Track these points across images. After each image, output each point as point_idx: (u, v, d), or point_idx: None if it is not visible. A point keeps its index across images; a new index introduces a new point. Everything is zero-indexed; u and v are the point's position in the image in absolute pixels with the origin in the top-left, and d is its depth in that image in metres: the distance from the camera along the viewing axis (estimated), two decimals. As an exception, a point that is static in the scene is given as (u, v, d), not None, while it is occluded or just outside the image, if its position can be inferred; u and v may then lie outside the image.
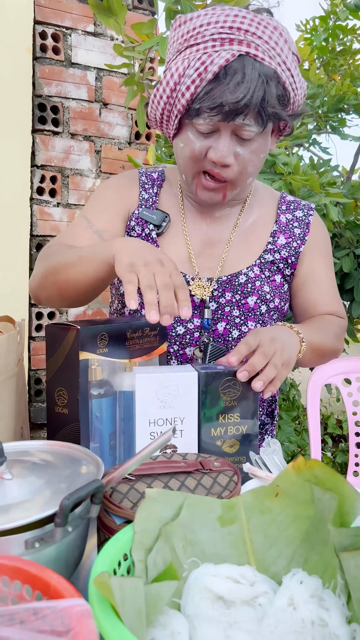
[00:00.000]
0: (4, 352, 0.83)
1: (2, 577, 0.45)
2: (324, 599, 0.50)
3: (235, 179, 0.95)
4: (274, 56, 0.88)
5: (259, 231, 1.07)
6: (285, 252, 1.06)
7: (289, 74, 0.90)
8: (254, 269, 1.04)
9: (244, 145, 0.92)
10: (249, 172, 0.96)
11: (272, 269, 1.05)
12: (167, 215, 1.04)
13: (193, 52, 0.89)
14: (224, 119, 0.88)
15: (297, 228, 1.08)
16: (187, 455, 0.68)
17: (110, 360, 0.82)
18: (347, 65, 2.89)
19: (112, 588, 0.41)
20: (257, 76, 0.85)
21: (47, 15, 1.74)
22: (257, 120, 0.89)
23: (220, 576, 0.52)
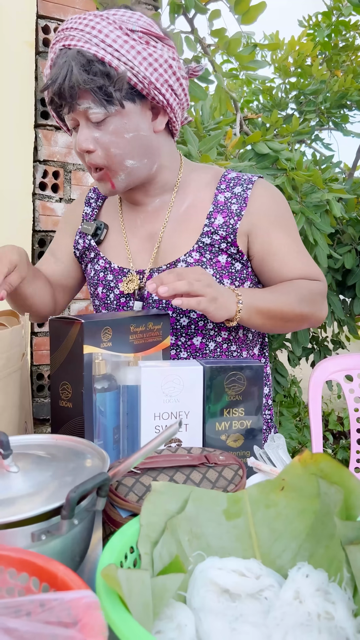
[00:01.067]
0: (7, 345, 0.83)
1: (8, 569, 0.45)
2: (330, 592, 0.50)
3: (108, 164, 0.98)
4: (90, 39, 0.92)
5: (195, 215, 1.05)
6: (223, 231, 1.02)
7: (111, 49, 0.92)
8: (193, 254, 1.03)
9: (100, 129, 0.96)
10: (115, 154, 0.97)
11: (213, 251, 1.03)
12: (101, 223, 1.12)
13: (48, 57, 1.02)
14: (68, 109, 0.95)
15: (234, 204, 1.04)
16: (191, 449, 0.68)
17: (113, 355, 0.82)
18: (349, 61, 2.88)
19: (119, 580, 0.41)
20: (64, 61, 0.92)
21: (49, 10, 1.73)
22: (96, 102, 0.93)
23: (226, 569, 0.52)
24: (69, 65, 0.91)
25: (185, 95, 1.02)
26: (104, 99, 0.93)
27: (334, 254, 1.85)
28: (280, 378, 2.22)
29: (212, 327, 1.03)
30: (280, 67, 2.74)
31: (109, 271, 1.09)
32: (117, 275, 1.08)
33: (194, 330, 1.03)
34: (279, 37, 2.77)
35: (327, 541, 0.53)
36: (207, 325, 1.03)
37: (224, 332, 1.04)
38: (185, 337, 1.03)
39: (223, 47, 1.49)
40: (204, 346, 1.04)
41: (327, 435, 2.97)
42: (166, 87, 0.96)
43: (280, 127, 2.11)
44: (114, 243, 1.11)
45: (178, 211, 1.07)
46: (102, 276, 1.10)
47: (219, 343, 1.04)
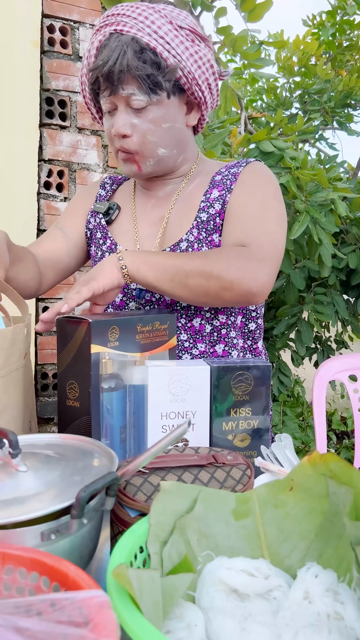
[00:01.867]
0: (9, 343, 0.83)
1: (19, 569, 0.45)
2: (339, 592, 0.50)
3: (140, 149, 1.01)
4: (143, 28, 0.95)
5: (194, 195, 1.09)
6: (218, 204, 1.04)
7: (162, 41, 0.96)
8: (193, 231, 1.05)
9: (139, 116, 0.98)
10: (150, 141, 1.00)
11: (208, 228, 1.04)
12: (114, 204, 1.14)
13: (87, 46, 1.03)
14: (110, 92, 0.97)
15: (228, 181, 1.06)
16: (199, 448, 0.68)
17: (120, 354, 0.82)
18: (354, 60, 2.88)
19: (130, 580, 0.41)
20: (119, 45, 0.94)
21: (55, 9, 1.73)
22: (141, 89, 0.96)
23: (235, 569, 0.52)
24: (122, 49, 0.94)
25: (217, 96, 1.07)
26: (149, 87, 0.96)
27: (338, 253, 1.85)
28: (283, 378, 2.22)
29: (208, 309, 1.04)
30: (284, 66, 2.73)
31: (114, 252, 1.09)
32: None
33: (194, 311, 1.04)
34: (283, 36, 2.76)
35: (336, 541, 0.53)
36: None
37: (221, 316, 1.05)
38: (186, 318, 1.04)
39: (229, 44, 1.49)
40: (202, 328, 1.05)
41: (330, 435, 2.97)
42: (205, 85, 1.01)
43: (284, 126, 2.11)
44: (124, 226, 1.13)
45: (183, 195, 1.10)
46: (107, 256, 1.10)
47: (217, 327, 1.05)
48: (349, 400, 1.70)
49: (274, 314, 2.09)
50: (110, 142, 1.05)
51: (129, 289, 1.08)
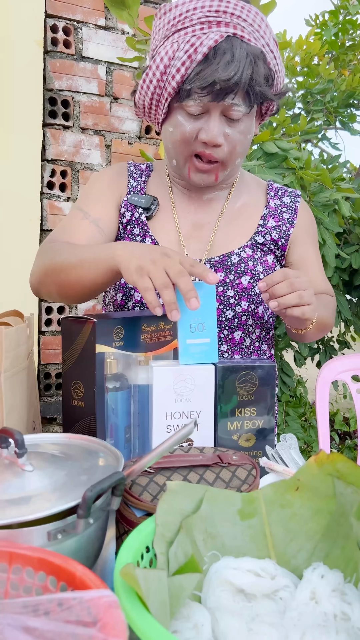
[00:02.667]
0: (13, 344, 0.83)
1: (26, 568, 0.45)
2: (346, 593, 0.50)
3: (226, 159, 0.99)
4: (259, 38, 0.93)
5: (249, 214, 1.10)
6: (276, 234, 1.09)
7: (272, 55, 0.96)
8: (246, 249, 1.06)
9: (232, 125, 0.96)
10: (238, 152, 0.99)
11: (264, 250, 1.08)
12: (155, 199, 1.07)
13: (182, 35, 0.92)
14: (214, 98, 0.91)
15: (285, 213, 1.11)
16: (204, 448, 0.68)
17: (125, 354, 0.82)
18: (357, 60, 2.87)
19: (138, 579, 0.41)
20: (245, 55, 0.90)
21: (58, 9, 1.73)
22: (245, 100, 0.94)
23: (241, 569, 0.52)
24: (250, 61, 0.90)
25: None
26: (254, 100, 0.94)
27: (341, 253, 1.84)
28: (286, 378, 2.21)
29: (251, 324, 1.06)
30: (287, 66, 2.73)
31: None
32: None
33: (237, 325, 1.05)
34: (286, 37, 2.76)
35: (342, 542, 0.53)
36: (248, 321, 1.05)
37: (258, 330, 1.08)
38: (228, 330, 1.05)
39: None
40: (242, 341, 1.06)
41: (332, 436, 2.97)
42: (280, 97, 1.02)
43: (287, 126, 2.10)
44: (164, 224, 1.07)
45: (233, 207, 1.10)
46: None
47: (253, 340, 1.08)
48: (352, 401, 1.70)
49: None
50: (183, 144, 0.97)
51: (127, 287, 1.05)
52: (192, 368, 0.78)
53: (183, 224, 1.08)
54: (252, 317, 1.05)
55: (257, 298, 1.05)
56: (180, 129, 0.96)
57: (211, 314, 0.79)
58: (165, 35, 0.95)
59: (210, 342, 0.79)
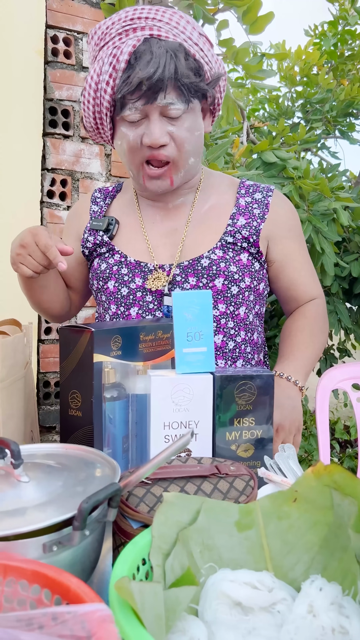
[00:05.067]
0: (10, 354, 0.83)
1: (20, 581, 0.45)
2: (344, 606, 0.50)
3: (176, 159, 0.98)
4: (178, 34, 0.94)
5: (218, 215, 1.08)
6: (246, 231, 1.06)
7: (197, 48, 0.95)
8: (216, 251, 1.05)
9: (174, 124, 0.96)
10: (187, 151, 0.98)
11: (236, 249, 1.06)
12: (112, 219, 1.11)
13: (104, 50, 0.96)
14: (146, 101, 0.93)
15: (256, 209, 1.08)
16: (202, 459, 0.68)
17: (123, 363, 0.82)
18: (355, 70, 2.89)
19: (133, 593, 0.41)
20: (164, 52, 0.91)
21: (58, 20, 1.75)
22: (180, 97, 0.94)
23: (238, 582, 0.51)
24: (171, 56, 0.91)
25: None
26: (189, 95, 0.94)
27: (340, 262, 1.85)
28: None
29: (233, 326, 1.05)
30: (286, 76, 2.75)
31: (124, 265, 1.07)
32: (133, 269, 1.06)
33: (215, 328, 1.04)
34: (285, 47, 2.78)
35: (340, 554, 0.52)
36: (228, 324, 1.05)
37: (243, 332, 1.07)
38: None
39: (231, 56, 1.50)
40: (224, 345, 1.06)
41: (333, 444, 2.95)
42: (222, 90, 1.02)
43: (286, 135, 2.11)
44: (130, 238, 1.10)
45: (200, 210, 1.09)
46: (116, 270, 1.08)
47: (238, 343, 1.07)
48: (352, 409, 1.69)
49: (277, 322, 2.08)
50: (131, 155, 0.99)
51: (144, 301, 1.06)
52: (190, 377, 0.78)
53: (151, 233, 1.09)
54: (233, 319, 1.04)
55: (236, 299, 1.04)
56: (126, 140, 0.98)
57: (208, 323, 0.79)
58: (94, 56, 0.99)
59: (207, 351, 0.79)
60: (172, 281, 1.04)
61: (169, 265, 1.05)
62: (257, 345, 1.11)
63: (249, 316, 1.07)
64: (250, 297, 1.06)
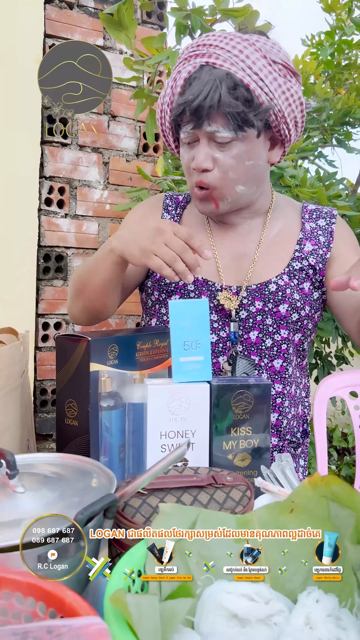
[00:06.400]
0: (7, 363, 0.83)
1: (15, 594, 0.44)
2: (341, 618, 0.49)
3: (219, 185, 0.98)
4: (237, 62, 0.93)
5: (285, 240, 1.08)
6: (313, 258, 1.06)
7: (256, 77, 0.94)
8: (283, 277, 1.04)
9: (222, 150, 0.96)
10: (231, 178, 0.97)
11: (301, 277, 1.05)
12: None
13: (172, 72, 1.00)
14: (194, 125, 0.94)
15: (321, 236, 1.08)
16: (198, 469, 0.68)
17: (119, 372, 0.82)
18: (352, 79, 2.91)
19: (128, 606, 0.40)
20: (212, 79, 0.92)
21: (57, 29, 1.76)
22: (227, 125, 0.93)
23: (235, 593, 0.51)
24: (215, 84, 0.91)
25: (302, 131, 1.05)
26: (237, 125, 0.93)
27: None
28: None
29: (292, 352, 1.04)
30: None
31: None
32: (200, 286, 1.06)
33: (276, 353, 1.03)
34: (282, 56, 2.79)
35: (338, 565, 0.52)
36: (288, 350, 1.04)
37: (296, 358, 1.07)
38: (268, 358, 1.03)
39: (228, 66, 1.51)
40: (283, 370, 1.04)
41: (331, 452, 2.95)
42: (293, 123, 1.00)
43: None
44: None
45: (269, 235, 1.08)
46: (182, 285, 1.06)
47: (294, 368, 1.06)
48: (350, 417, 1.69)
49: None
50: (187, 175, 1.01)
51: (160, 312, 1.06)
52: (187, 387, 0.78)
53: (222, 255, 1.08)
54: (292, 345, 1.04)
55: (295, 326, 1.04)
56: (183, 161, 1.02)
57: (205, 331, 0.79)
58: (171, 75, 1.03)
59: (204, 360, 0.79)
60: (239, 304, 1.04)
61: (236, 287, 1.05)
62: (305, 370, 1.13)
63: (304, 343, 1.07)
64: (309, 325, 1.07)
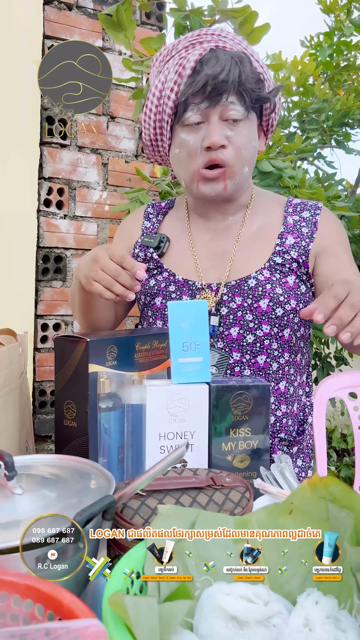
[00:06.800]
0: (5, 364, 0.83)
1: (13, 596, 0.44)
2: (340, 619, 0.49)
3: (232, 164, 0.99)
4: (242, 49, 1.00)
5: (266, 235, 1.08)
6: (295, 252, 1.05)
7: (258, 64, 1.01)
8: (264, 272, 1.04)
9: (233, 129, 0.98)
10: (244, 157, 1.00)
11: (284, 271, 1.05)
12: (164, 237, 1.11)
13: (170, 62, 1.00)
14: (210, 101, 0.96)
15: (304, 227, 1.08)
16: (197, 470, 0.67)
17: (118, 373, 0.82)
18: (351, 80, 2.91)
19: (126, 608, 0.40)
20: (229, 57, 0.96)
21: (56, 30, 1.76)
22: (240, 101, 0.97)
23: (234, 595, 0.51)
24: (235, 62, 0.95)
25: None
26: (250, 102, 0.98)
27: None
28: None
29: (277, 348, 1.04)
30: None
31: (172, 283, 1.08)
32: (181, 287, 1.07)
33: (259, 349, 1.03)
34: (281, 57, 2.80)
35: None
36: (272, 345, 1.03)
37: (287, 354, 1.05)
38: (250, 354, 1.03)
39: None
40: (267, 366, 1.03)
41: (330, 453, 2.95)
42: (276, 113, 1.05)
43: (283, 145, 2.12)
44: (179, 256, 1.11)
45: (249, 230, 1.09)
46: (164, 287, 1.08)
47: (282, 365, 1.05)
48: (349, 418, 1.69)
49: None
50: (189, 159, 1.01)
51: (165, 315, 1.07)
52: (186, 388, 0.77)
53: (200, 253, 1.09)
54: (277, 340, 1.03)
55: (280, 321, 1.03)
56: (185, 145, 1.00)
57: (203, 332, 0.79)
58: (158, 71, 1.03)
59: (203, 361, 0.79)
60: (219, 301, 1.04)
61: (216, 284, 1.05)
62: (301, 367, 1.11)
63: (293, 338, 1.05)
64: (295, 319, 1.05)
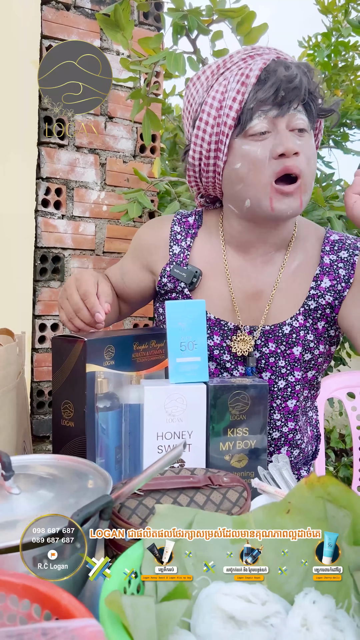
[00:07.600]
0: (3, 364, 0.82)
1: (10, 596, 0.44)
2: (338, 619, 0.49)
3: (306, 172, 0.91)
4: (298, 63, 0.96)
5: (303, 276, 1.01)
6: (330, 296, 0.99)
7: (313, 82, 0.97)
8: (298, 317, 0.99)
9: (300, 139, 0.92)
10: (312, 167, 0.93)
11: (316, 316, 1.00)
12: (197, 271, 1.01)
13: (228, 73, 0.93)
14: (278, 110, 0.90)
15: (342, 269, 1.00)
16: (195, 470, 0.67)
17: (116, 373, 0.82)
18: (349, 81, 2.91)
19: (124, 607, 0.40)
20: (296, 66, 0.92)
21: (54, 30, 1.75)
22: (306, 111, 0.93)
23: (232, 595, 0.51)
24: (303, 71, 0.91)
25: None
26: (313, 116, 0.94)
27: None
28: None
29: (306, 389, 1.02)
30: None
31: None
32: (212, 325, 1.00)
33: (290, 394, 1.00)
34: (279, 57, 2.80)
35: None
36: (303, 390, 1.01)
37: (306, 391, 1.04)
38: (281, 399, 1.00)
39: (225, 67, 1.51)
40: (297, 409, 1.01)
41: (328, 453, 2.95)
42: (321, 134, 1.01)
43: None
44: (214, 292, 1.02)
45: (288, 271, 1.02)
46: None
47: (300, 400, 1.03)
48: (347, 418, 1.69)
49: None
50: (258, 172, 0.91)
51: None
52: (183, 387, 0.77)
53: (237, 289, 1.01)
54: (305, 383, 1.02)
55: (307, 365, 1.00)
56: (251, 157, 0.91)
57: (201, 332, 0.79)
58: (209, 85, 0.95)
59: (201, 361, 0.79)
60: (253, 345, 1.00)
61: (249, 326, 1.00)
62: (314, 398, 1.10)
63: (317, 377, 1.04)
64: (320, 360, 1.03)
